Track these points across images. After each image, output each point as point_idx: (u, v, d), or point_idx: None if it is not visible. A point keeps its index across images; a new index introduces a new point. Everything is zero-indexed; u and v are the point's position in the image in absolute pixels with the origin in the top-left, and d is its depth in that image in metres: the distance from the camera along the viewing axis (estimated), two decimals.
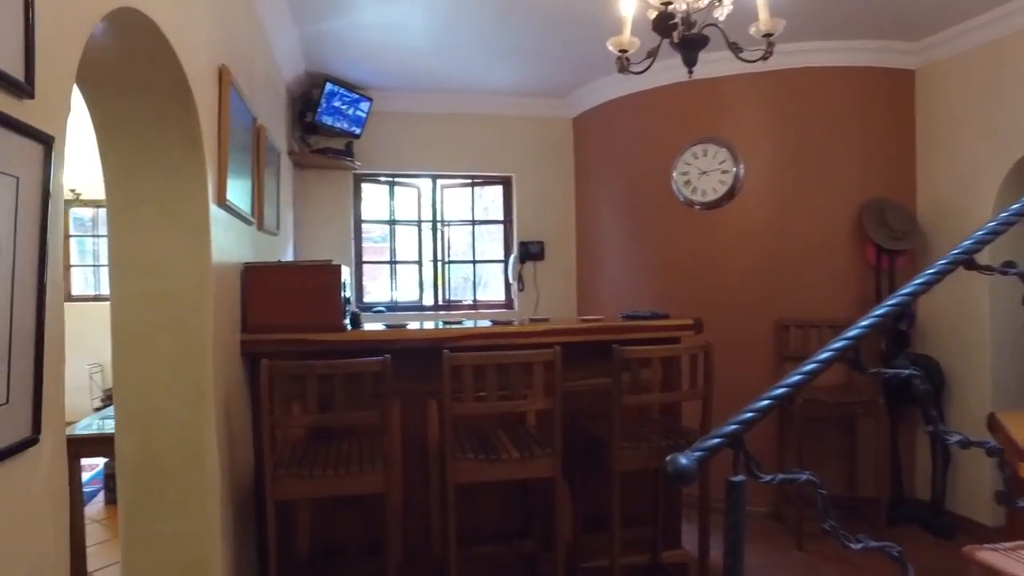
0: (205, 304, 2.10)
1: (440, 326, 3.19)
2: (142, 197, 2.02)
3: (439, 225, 5.91)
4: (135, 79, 1.87)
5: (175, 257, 2.06)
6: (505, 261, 5.94)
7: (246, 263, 2.71)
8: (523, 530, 3.23)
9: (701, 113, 4.66)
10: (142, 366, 2.04)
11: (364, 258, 5.72)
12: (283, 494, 2.35)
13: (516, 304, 5.84)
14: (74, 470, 2.68)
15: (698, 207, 4.66)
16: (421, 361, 2.94)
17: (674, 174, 4.72)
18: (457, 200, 6.09)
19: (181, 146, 2.03)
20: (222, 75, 2.31)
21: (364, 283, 5.75)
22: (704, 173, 4.65)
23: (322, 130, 4.94)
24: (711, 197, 4.61)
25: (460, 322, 3.21)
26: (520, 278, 5.78)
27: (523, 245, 5.76)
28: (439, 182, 5.91)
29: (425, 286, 5.90)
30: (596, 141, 5.51)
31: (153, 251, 2.04)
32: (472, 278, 6.06)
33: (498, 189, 6.03)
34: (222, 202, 2.28)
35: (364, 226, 5.74)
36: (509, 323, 3.17)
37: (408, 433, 3.04)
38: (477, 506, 3.12)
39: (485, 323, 3.24)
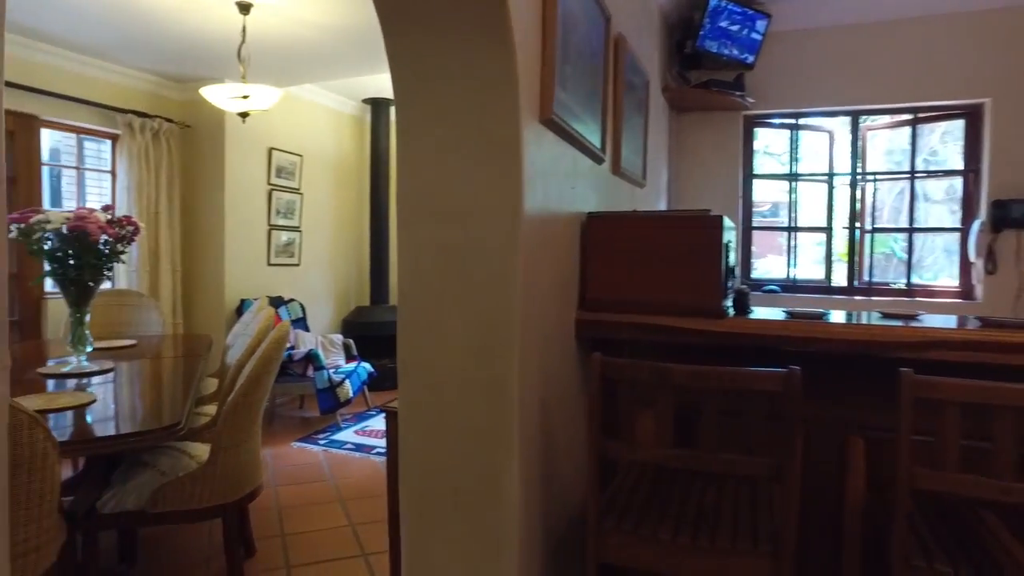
0: (512, 263, 1.42)
1: (873, 320, 1.96)
2: (431, 108, 1.42)
3: (859, 180, 4.39)
4: None
5: (474, 194, 1.42)
6: (963, 229, 4.10)
7: (589, 212, 1.98)
8: None
9: None
10: (428, 344, 1.47)
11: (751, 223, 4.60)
12: (609, 555, 1.56)
13: (979, 292, 3.98)
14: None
15: None
16: (843, 373, 1.83)
17: None
18: (886, 145, 4.46)
19: (479, 31, 1.35)
20: None
21: (751, 254, 4.63)
22: None
23: (705, 61, 3.98)
24: None
25: (915, 316, 1.94)
26: (991, 254, 3.90)
27: (999, 206, 3.86)
28: (861, 122, 4.37)
29: (834, 261, 4.48)
30: None
31: (445, 185, 1.43)
32: (906, 254, 4.38)
33: (955, 125, 4.19)
34: (546, 117, 1.56)
35: (753, 191, 4.60)
36: (1021, 325, 1.77)
37: (809, 482, 1.95)
38: None
39: (971, 321, 1.90)
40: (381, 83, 5.57)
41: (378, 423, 5.15)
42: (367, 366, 5.40)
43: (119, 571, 2.77)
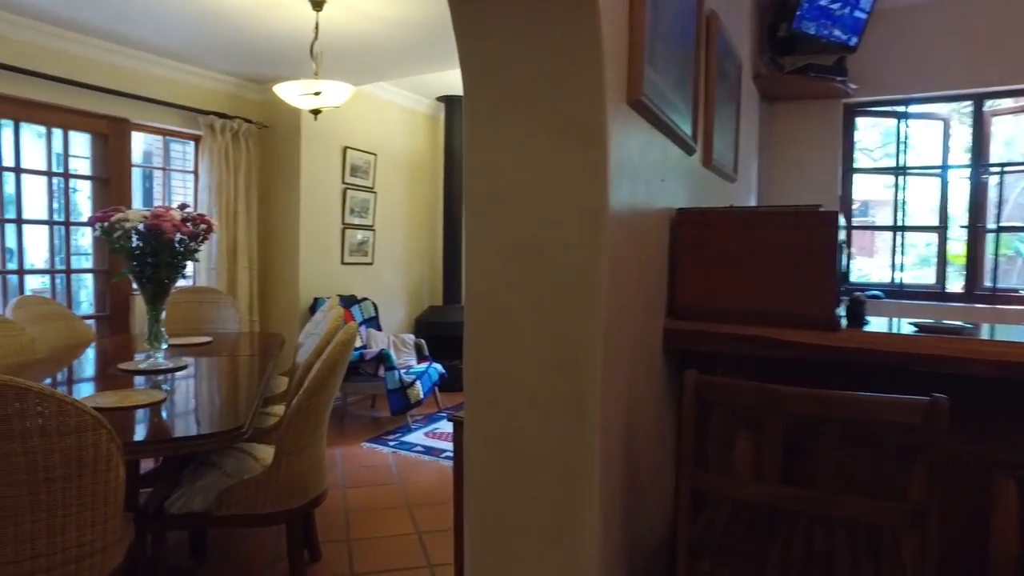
0: (595, 265, 1.23)
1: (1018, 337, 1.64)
2: (504, 90, 1.25)
3: (980, 172, 3.92)
4: None
5: (552, 187, 1.24)
6: None
7: (680, 208, 1.76)
8: None
9: None
10: (498, 352, 1.31)
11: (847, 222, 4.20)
12: None
13: None
14: None
15: None
16: (986, 401, 1.54)
17: None
18: (1007, 133, 3.96)
19: None
20: None
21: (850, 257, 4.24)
22: None
23: (800, 44, 3.64)
24: None
25: None
26: None
27: None
28: (985, 107, 3.90)
29: (949, 264, 4.02)
30: None
31: (519, 177, 1.26)
32: None
33: None
34: (634, 99, 1.36)
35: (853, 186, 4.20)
36: None
37: (945, 530, 1.65)
38: None
39: None
40: (454, 80, 5.49)
41: (448, 426, 5.07)
42: (438, 367, 5.33)
43: (189, 568, 2.77)
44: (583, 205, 1.22)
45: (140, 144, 5.16)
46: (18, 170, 4.04)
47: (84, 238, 4.71)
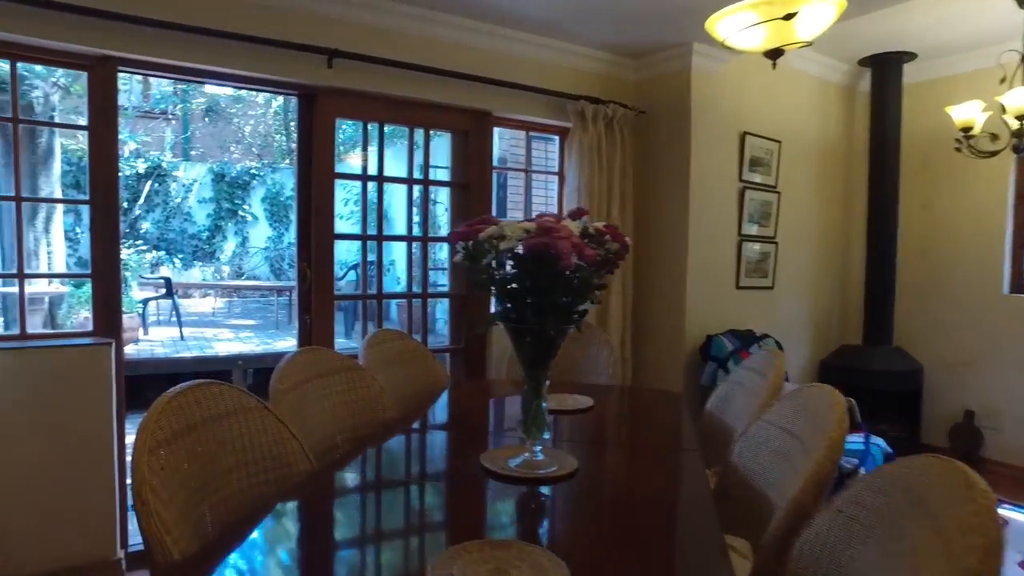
0: None
1: None
2: None
3: None
4: None
5: None
6: None
7: None
8: None
9: None
10: None
11: None
12: None
13: None
14: None
15: None
16: None
17: None
18: None
19: None
20: None
21: None
22: None
23: None
24: None
25: None
26: None
27: None
28: None
29: None
30: None
31: None
32: None
33: None
34: None
35: None
36: None
37: None
38: None
39: None
40: (890, 28, 3.63)
41: None
42: (881, 443, 3.56)
43: None
44: None
45: (495, 147, 4.42)
46: (382, 179, 3.57)
47: (442, 251, 4.15)
